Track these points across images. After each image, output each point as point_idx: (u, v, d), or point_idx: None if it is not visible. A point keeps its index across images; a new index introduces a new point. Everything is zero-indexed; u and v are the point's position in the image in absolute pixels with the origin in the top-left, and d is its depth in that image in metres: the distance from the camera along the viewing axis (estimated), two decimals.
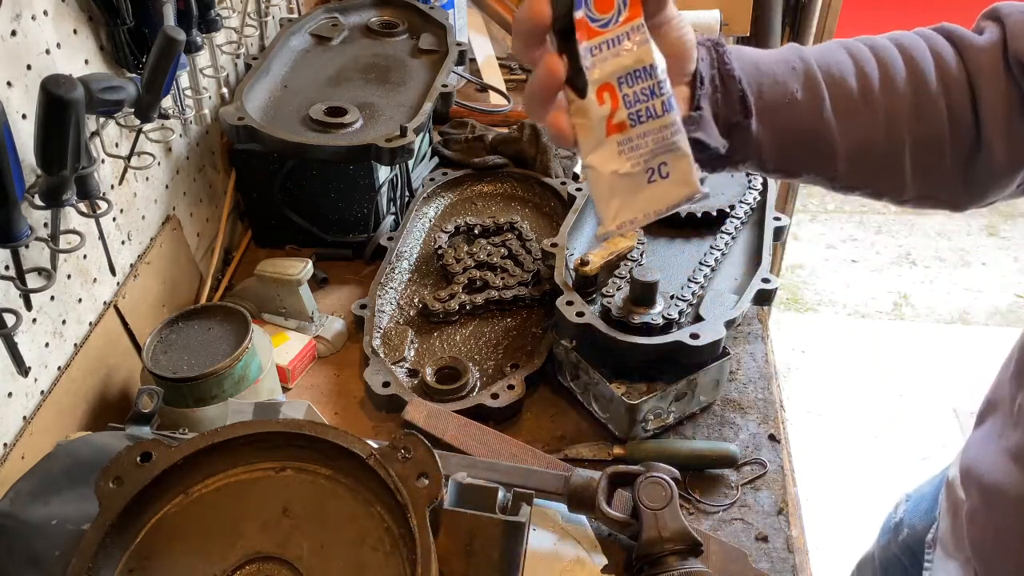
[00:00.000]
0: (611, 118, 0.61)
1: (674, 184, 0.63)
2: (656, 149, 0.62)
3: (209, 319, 1.07)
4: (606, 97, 0.61)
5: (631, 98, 0.61)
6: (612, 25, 0.60)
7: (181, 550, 0.69)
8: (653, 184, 0.63)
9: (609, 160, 0.62)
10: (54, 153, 0.82)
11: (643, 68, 0.61)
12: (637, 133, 0.62)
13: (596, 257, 1.11)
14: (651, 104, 0.61)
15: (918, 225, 3.78)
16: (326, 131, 1.27)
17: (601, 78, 0.61)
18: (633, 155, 0.62)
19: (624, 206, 0.63)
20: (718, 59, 0.69)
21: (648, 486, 0.89)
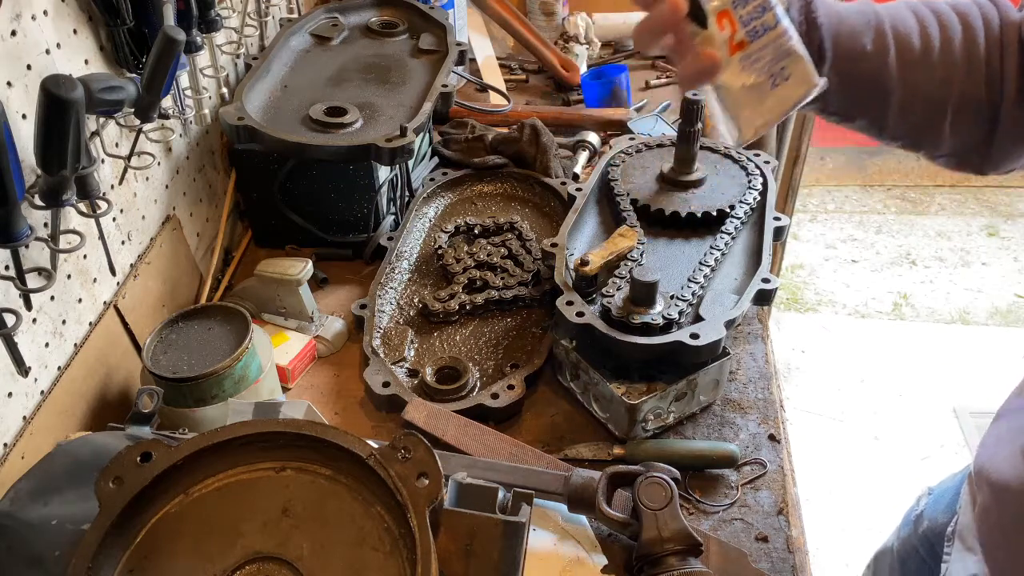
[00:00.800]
0: (732, 39, 0.69)
1: (796, 83, 0.71)
2: (775, 57, 0.70)
3: (209, 319, 1.07)
4: (725, 23, 0.69)
5: (746, 18, 0.69)
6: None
7: (181, 550, 0.69)
8: (777, 88, 0.71)
9: (737, 76, 0.70)
10: (54, 153, 0.82)
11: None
12: (757, 47, 0.70)
13: (596, 257, 1.11)
14: (764, 19, 0.69)
15: (918, 225, 3.78)
16: (326, 131, 1.27)
17: (719, 6, 0.69)
18: (756, 67, 0.70)
19: (755, 113, 0.72)
20: (806, 7, 0.77)
21: (648, 486, 0.89)
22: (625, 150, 1.38)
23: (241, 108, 1.25)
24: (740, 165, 1.32)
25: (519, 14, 1.95)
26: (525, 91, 1.90)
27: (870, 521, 2.44)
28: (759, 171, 1.30)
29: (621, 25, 2.05)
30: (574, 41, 1.96)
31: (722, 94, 0.73)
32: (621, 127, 1.66)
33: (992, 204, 3.90)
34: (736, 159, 1.34)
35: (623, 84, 1.74)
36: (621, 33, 2.05)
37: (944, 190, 3.98)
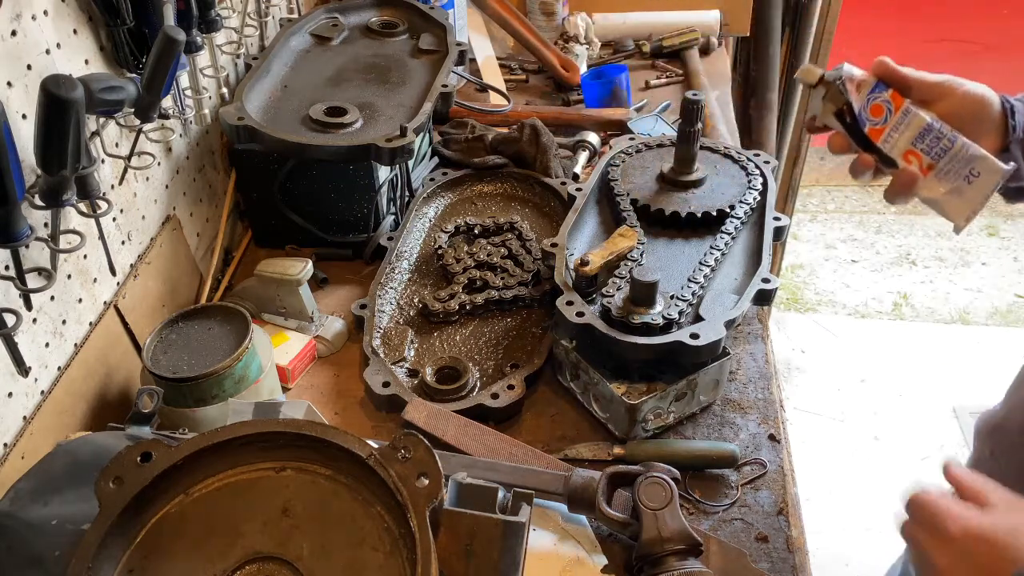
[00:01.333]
0: (922, 166, 0.91)
1: (987, 175, 0.89)
2: (962, 165, 0.89)
3: (209, 319, 1.07)
4: (911, 159, 0.91)
5: (926, 148, 0.90)
6: (890, 119, 0.91)
7: (181, 550, 0.69)
8: (972, 184, 0.90)
9: (935, 188, 0.91)
10: (54, 153, 0.82)
11: (923, 128, 0.90)
12: (944, 164, 0.90)
13: (596, 257, 1.11)
14: (941, 144, 0.90)
15: (918, 225, 3.78)
16: (326, 131, 1.27)
17: (900, 150, 0.91)
18: (948, 177, 0.90)
19: (961, 208, 0.91)
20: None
21: (648, 486, 0.89)
22: (625, 150, 1.38)
23: (241, 108, 1.25)
24: (740, 165, 1.32)
25: (519, 14, 1.94)
26: (525, 91, 1.90)
27: (870, 521, 2.44)
28: (759, 171, 1.30)
29: (621, 25, 2.05)
30: (574, 41, 1.96)
31: (931, 203, 0.93)
32: (621, 127, 1.66)
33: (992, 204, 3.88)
34: (736, 159, 1.34)
35: (623, 84, 1.74)
36: (621, 33, 2.05)
37: None
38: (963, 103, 0.91)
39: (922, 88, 0.92)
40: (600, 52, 2.01)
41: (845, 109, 0.92)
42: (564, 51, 1.93)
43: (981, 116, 0.91)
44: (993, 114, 0.91)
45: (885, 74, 0.93)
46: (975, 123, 0.90)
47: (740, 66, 2.57)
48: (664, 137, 1.43)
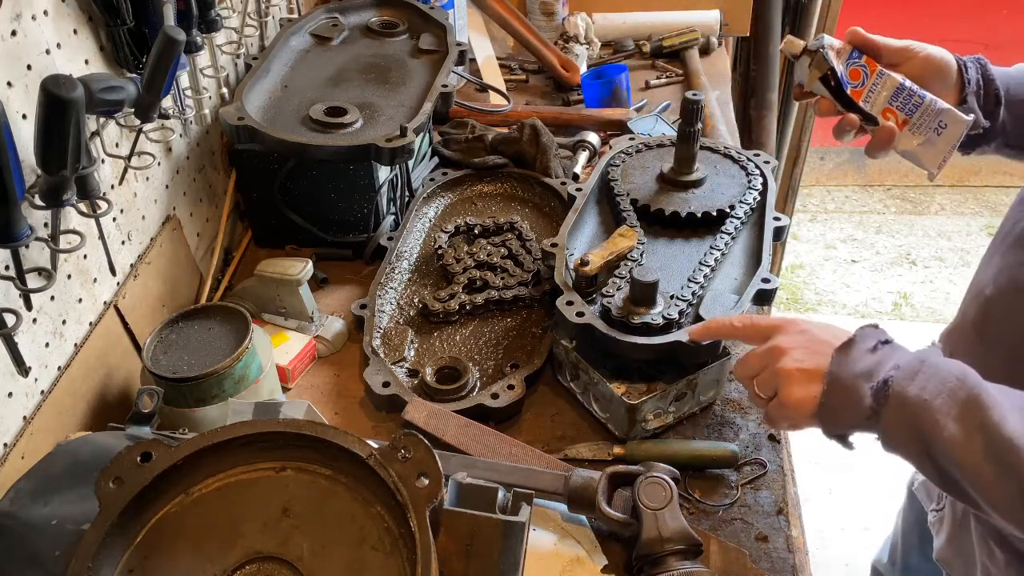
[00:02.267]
0: (898, 122, 1.02)
1: (953, 126, 0.99)
2: (931, 118, 1.00)
3: (209, 319, 1.07)
4: (889, 116, 1.02)
5: (900, 106, 1.01)
6: (867, 81, 1.02)
7: (181, 550, 0.69)
8: (941, 135, 1.00)
9: (910, 140, 1.02)
10: (54, 153, 0.82)
11: (896, 87, 1.01)
12: (916, 119, 1.01)
13: (596, 257, 1.11)
14: (913, 101, 1.00)
15: (918, 225, 3.78)
16: (326, 131, 1.27)
17: (879, 108, 1.02)
18: (920, 130, 1.01)
19: (934, 156, 1.02)
20: (982, 68, 1.02)
21: (648, 486, 0.89)
22: (625, 150, 1.38)
23: (241, 108, 1.25)
24: (740, 165, 1.32)
25: (519, 14, 1.95)
26: (525, 91, 1.90)
27: (870, 521, 2.44)
28: (759, 171, 1.30)
29: (621, 25, 2.05)
30: (574, 41, 1.96)
31: (907, 155, 1.04)
32: (621, 127, 1.66)
33: (992, 204, 3.90)
34: (736, 159, 1.34)
35: (623, 84, 1.74)
36: (621, 33, 2.05)
37: (944, 190, 3.98)
38: (925, 64, 1.02)
39: (890, 52, 1.03)
40: (600, 52, 2.01)
41: (829, 74, 1.02)
42: (564, 51, 1.93)
43: (942, 74, 1.02)
44: (951, 72, 1.02)
45: (859, 41, 1.03)
46: (937, 81, 1.02)
47: (740, 66, 2.57)
48: (664, 137, 1.43)
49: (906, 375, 0.74)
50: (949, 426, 0.71)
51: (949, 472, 0.72)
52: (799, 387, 0.80)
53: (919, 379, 0.74)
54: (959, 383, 0.73)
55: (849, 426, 0.79)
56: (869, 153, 1.05)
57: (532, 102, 1.85)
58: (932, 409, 0.72)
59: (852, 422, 0.78)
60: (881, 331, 0.81)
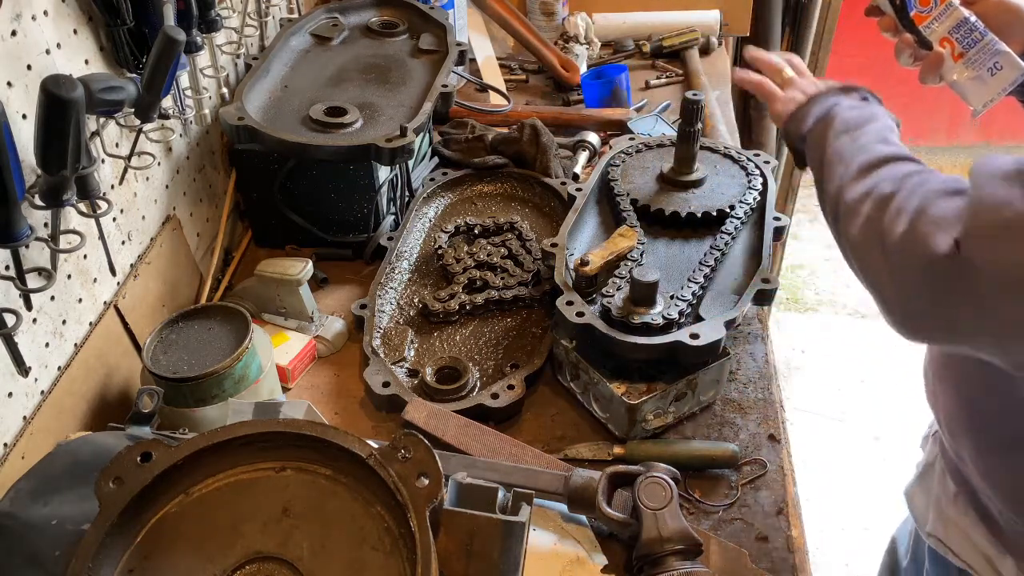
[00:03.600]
0: (953, 53, 1.04)
1: (1007, 70, 1.01)
2: (988, 57, 1.02)
3: (209, 319, 1.07)
4: (946, 45, 1.04)
5: (960, 38, 1.03)
6: (934, 9, 1.04)
7: (181, 550, 0.69)
8: (994, 76, 1.02)
9: (962, 73, 1.04)
10: (54, 153, 0.82)
11: (960, 21, 1.03)
12: (972, 53, 1.03)
13: (596, 257, 1.11)
14: (973, 36, 1.03)
15: None
16: (326, 131, 1.27)
17: (938, 36, 1.04)
18: (974, 65, 1.03)
19: (981, 93, 1.04)
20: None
21: (648, 486, 0.89)
22: (625, 150, 1.38)
23: (241, 108, 1.25)
24: (740, 165, 1.32)
25: (519, 14, 1.95)
26: (525, 91, 1.90)
27: (870, 521, 2.44)
28: (759, 171, 1.30)
29: (621, 25, 2.05)
30: (574, 41, 1.96)
31: (956, 87, 1.06)
32: (621, 127, 1.66)
33: None
34: (736, 159, 1.34)
35: (623, 84, 1.74)
36: (621, 33, 2.05)
37: None
38: (998, 8, 1.05)
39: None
40: (600, 52, 2.01)
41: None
42: (564, 51, 1.93)
43: (1012, 22, 1.04)
44: (1022, 23, 1.04)
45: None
46: (1006, 28, 1.04)
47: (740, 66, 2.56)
48: (664, 137, 1.43)
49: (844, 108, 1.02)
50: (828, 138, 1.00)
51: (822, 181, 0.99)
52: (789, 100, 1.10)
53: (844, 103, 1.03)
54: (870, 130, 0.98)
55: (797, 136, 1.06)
56: (921, 78, 1.08)
57: (532, 102, 1.85)
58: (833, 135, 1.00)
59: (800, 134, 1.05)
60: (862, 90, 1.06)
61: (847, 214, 0.92)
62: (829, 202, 0.97)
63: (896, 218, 0.85)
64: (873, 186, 0.90)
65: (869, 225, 0.88)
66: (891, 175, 0.90)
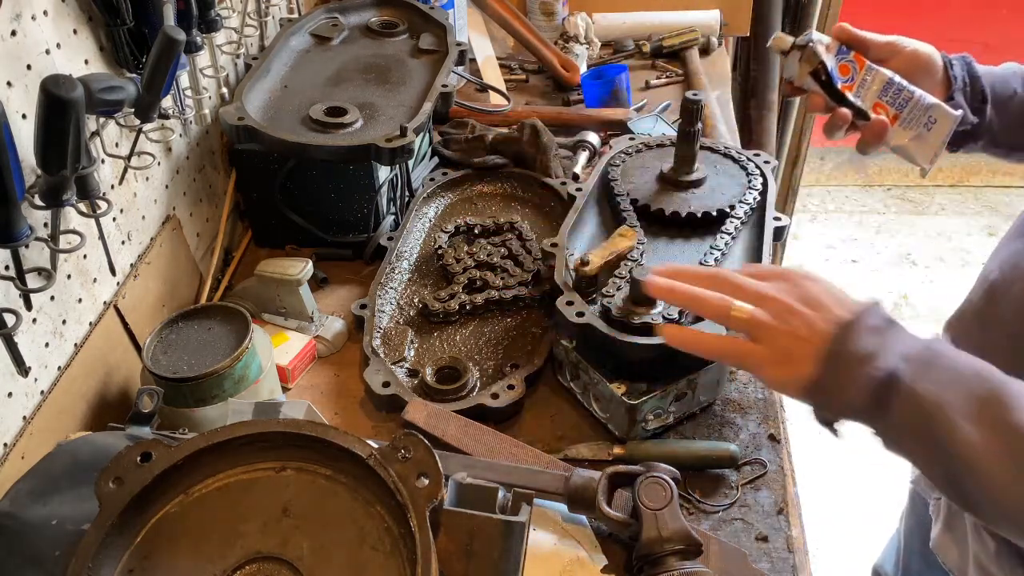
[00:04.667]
0: (889, 117, 1.02)
1: (943, 121, 1.01)
2: (921, 113, 1.01)
3: (209, 319, 1.07)
4: (880, 111, 1.03)
5: (891, 100, 1.02)
6: (856, 77, 1.03)
7: (181, 550, 0.69)
8: (931, 130, 1.01)
9: (902, 136, 1.03)
10: (54, 153, 0.82)
11: (886, 83, 1.02)
12: (906, 113, 1.02)
13: (596, 257, 1.11)
14: (903, 96, 1.02)
15: (918, 225, 3.78)
16: (326, 131, 1.27)
17: (869, 103, 1.03)
18: (911, 125, 1.02)
19: (925, 150, 1.03)
20: (967, 66, 1.04)
21: (648, 486, 0.89)
22: (625, 150, 1.38)
23: (241, 108, 1.25)
24: (740, 165, 1.32)
25: (519, 14, 1.94)
26: (525, 91, 1.90)
27: (870, 521, 2.43)
28: (759, 171, 1.30)
29: (621, 25, 2.05)
30: (574, 41, 1.96)
31: (900, 151, 1.05)
32: (621, 127, 1.66)
33: (992, 204, 3.90)
34: (736, 159, 1.34)
35: (623, 84, 1.74)
36: (621, 33, 2.05)
37: (944, 190, 3.98)
38: (912, 60, 1.04)
39: (877, 47, 1.05)
40: (600, 52, 2.01)
41: (820, 68, 1.02)
42: (564, 51, 1.93)
43: (928, 70, 1.04)
44: (937, 69, 1.04)
45: (847, 38, 1.05)
46: (924, 76, 1.03)
47: (740, 66, 2.57)
48: (664, 137, 1.43)
49: (917, 369, 0.68)
50: (964, 427, 0.65)
51: (956, 473, 0.68)
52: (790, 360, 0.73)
53: (932, 374, 0.68)
54: (977, 380, 0.67)
55: (843, 413, 0.73)
56: (861, 149, 1.05)
57: (532, 102, 1.85)
58: (946, 408, 0.66)
59: (846, 412, 0.73)
60: (883, 309, 0.74)
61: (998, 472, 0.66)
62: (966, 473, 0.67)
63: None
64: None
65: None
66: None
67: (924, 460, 0.71)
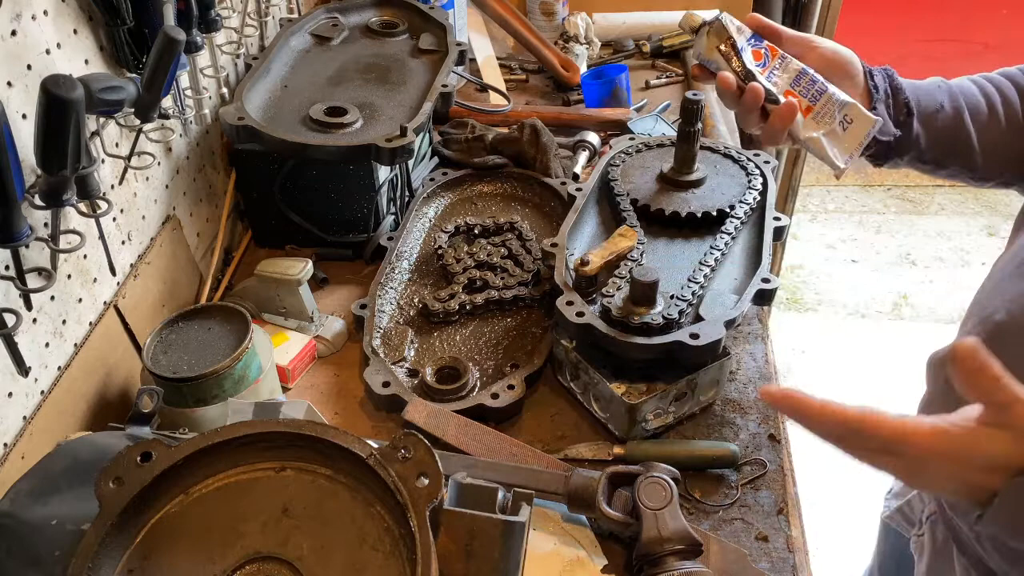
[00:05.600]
0: (801, 107, 0.97)
1: (859, 122, 0.96)
2: (836, 110, 0.96)
3: (209, 319, 1.07)
4: (791, 98, 0.96)
5: (803, 91, 0.97)
6: (768, 63, 0.99)
7: (181, 550, 0.69)
8: (847, 129, 0.97)
9: (814, 129, 0.98)
10: (54, 153, 0.82)
11: (799, 73, 0.98)
12: (819, 107, 0.97)
13: (596, 257, 1.11)
14: (816, 87, 0.97)
15: (918, 225, 3.78)
16: (326, 131, 1.27)
17: (782, 88, 0.98)
18: (824, 120, 0.97)
19: (840, 150, 0.98)
20: (889, 78, 1.00)
21: (648, 486, 0.89)
22: (625, 150, 1.38)
23: (241, 108, 1.25)
24: (740, 165, 1.32)
25: (519, 14, 1.94)
26: (525, 91, 1.90)
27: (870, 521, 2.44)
28: (759, 171, 1.30)
29: (621, 25, 2.05)
30: (574, 41, 1.96)
31: (811, 144, 0.99)
32: (621, 127, 1.66)
33: (992, 204, 3.90)
34: (736, 159, 1.34)
35: (623, 84, 1.74)
36: (621, 33, 2.05)
37: (944, 190, 3.98)
38: (826, 57, 0.99)
39: (791, 40, 1.01)
40: (600, 52, 2.01)
41: (728, 44, 0.99)
42: (564, 51, 1.93)
43: (845, 72, 0.99)
44: (855, 72, 1.00)
45: (759, 26, 1.01)
46: (842, 79, 0.99)
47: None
48: (664, 137, 1.43)
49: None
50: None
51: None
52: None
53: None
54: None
55: None
56: (767, 138, 0.99)
57: (532, 102, 1.85)
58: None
59: None
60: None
61: None
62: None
63: None
64: None
65: None
66: None
67: None
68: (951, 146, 1.01)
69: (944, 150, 1.02)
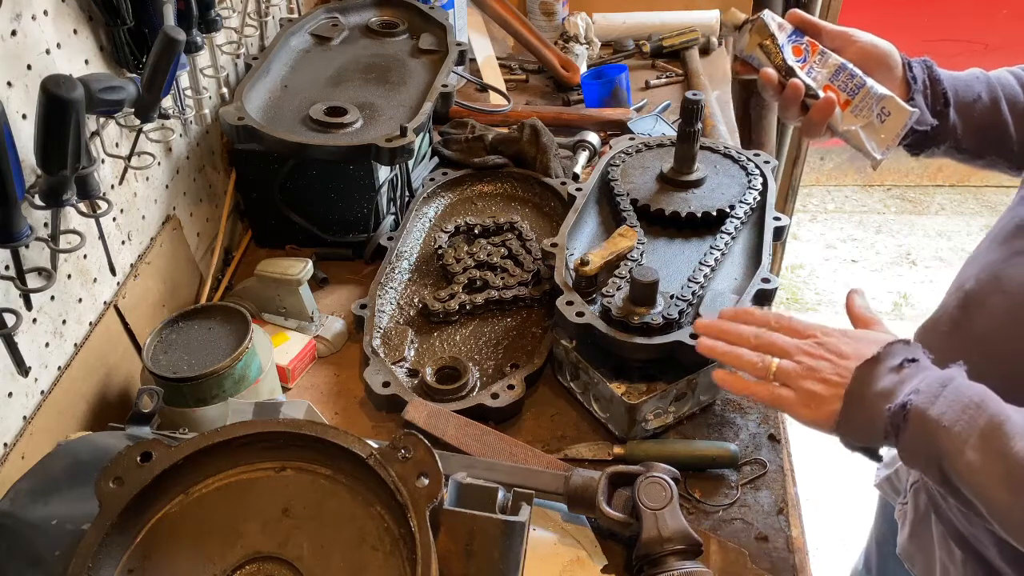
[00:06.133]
0: (839, 101, 1.00)
1: (896, 115, 0.99)
2: (874, 103, 0.99)
3: (209, 319, 1.07)
4: (830, 93, 1.00)
5: (842, 85, 1.00)
6: (808, 59, 1.02)
7: (181, 550, 0.69)
8: (884, 122, 0.99)
9: (852, 121, 1.01)
10: (54, 153, 0.82)
11: (838, 67, 1.01)
12: (857, 100, 1.00)
13: (596, 257, 1.11)
14: (855, 82, 1.00)
15: (918, 225, 3.78)
16: (326, 131, 1.27)
17: (821, 83, 1.01)
18: (862, 113, 1.00)
19: (877, 142, 1.01)
20: (928, 69, 1.02)
21: (648, 486, 0.89)
22: (625, 150, 1.38)
23: (241, 108, 1.25)
24: (740, 165, 1.32)
25: (519, 14, 1.94)
26: (525, 91, 1.90)
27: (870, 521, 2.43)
28: (759, 171, 1.30)
29: (621, 25, 2.05)
30: (574, 41, 1.96)
31: (849, 137, 1.02)
32: (621, 127, 1.66)
33: (992, 204, 3.90)
34: (736, 159, 1.34)
35: (623, 84, 1.74)
36: (621, 33, 2.05)
37: (944, 190, 3.98)
38: (865, 51, 1.02)
39: (831, 35, 1.03)
40: (600, 52, 2.01)
41: (770, 40, 1.02)
42: (564, 51, 1.93)
43: (884, 65, 1.01)
44: (894, 64, 1.02)
45: (800, 22, 1.04)
46: (881, 71, 1.01)
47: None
48: (664, 137, 1.43)
49: (926, 399, 0.74)
50: (967, 453, 0.70)
51: (964, 494, 0.73)
52: (817, 401, 0.81)
53: (939, 403, 0.73)
54: (979, 410, 0.72)
55: (868, 442, 0.81)
56: (806, 131, 1.03)
57: (532, 102, 1.85)
58: (951, 435, 0.71)
59: (871, 440, 0.80)
60: (911, 347, 0.79)
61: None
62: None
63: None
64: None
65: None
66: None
67: (936, 479, 0.75)
68: (988, 135, 1.02)
69: (981, 139, 1.03)
